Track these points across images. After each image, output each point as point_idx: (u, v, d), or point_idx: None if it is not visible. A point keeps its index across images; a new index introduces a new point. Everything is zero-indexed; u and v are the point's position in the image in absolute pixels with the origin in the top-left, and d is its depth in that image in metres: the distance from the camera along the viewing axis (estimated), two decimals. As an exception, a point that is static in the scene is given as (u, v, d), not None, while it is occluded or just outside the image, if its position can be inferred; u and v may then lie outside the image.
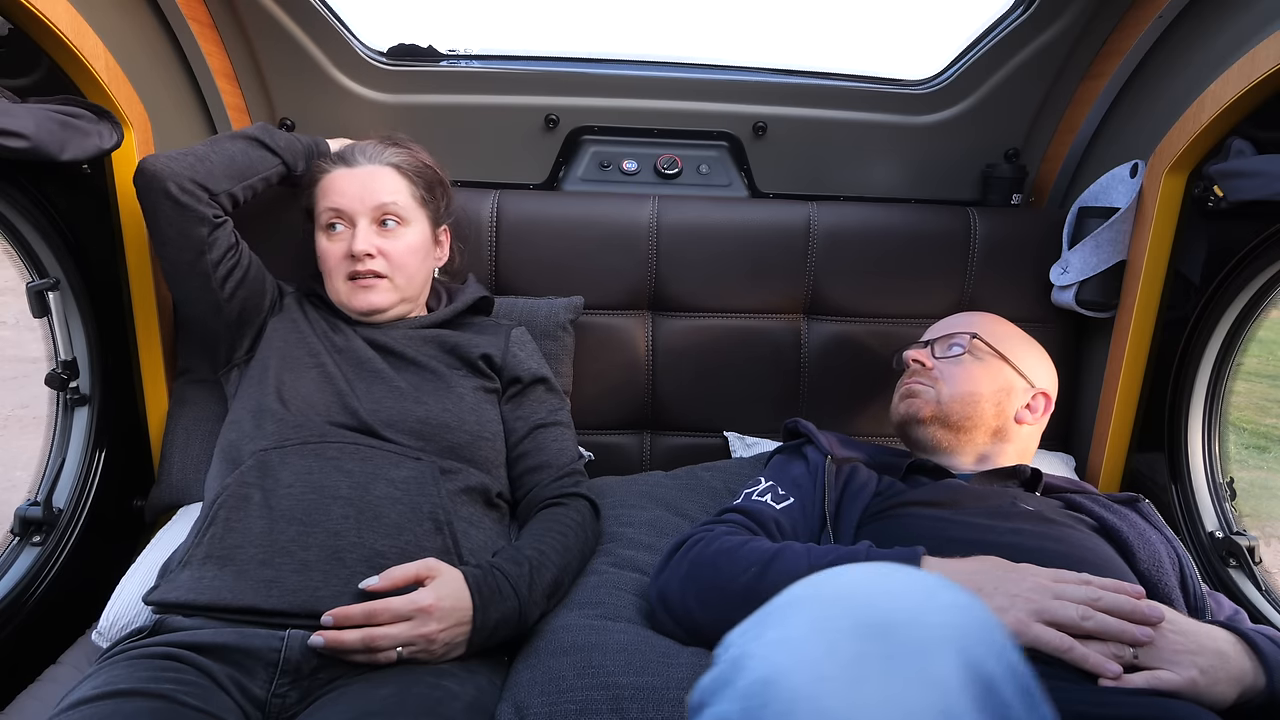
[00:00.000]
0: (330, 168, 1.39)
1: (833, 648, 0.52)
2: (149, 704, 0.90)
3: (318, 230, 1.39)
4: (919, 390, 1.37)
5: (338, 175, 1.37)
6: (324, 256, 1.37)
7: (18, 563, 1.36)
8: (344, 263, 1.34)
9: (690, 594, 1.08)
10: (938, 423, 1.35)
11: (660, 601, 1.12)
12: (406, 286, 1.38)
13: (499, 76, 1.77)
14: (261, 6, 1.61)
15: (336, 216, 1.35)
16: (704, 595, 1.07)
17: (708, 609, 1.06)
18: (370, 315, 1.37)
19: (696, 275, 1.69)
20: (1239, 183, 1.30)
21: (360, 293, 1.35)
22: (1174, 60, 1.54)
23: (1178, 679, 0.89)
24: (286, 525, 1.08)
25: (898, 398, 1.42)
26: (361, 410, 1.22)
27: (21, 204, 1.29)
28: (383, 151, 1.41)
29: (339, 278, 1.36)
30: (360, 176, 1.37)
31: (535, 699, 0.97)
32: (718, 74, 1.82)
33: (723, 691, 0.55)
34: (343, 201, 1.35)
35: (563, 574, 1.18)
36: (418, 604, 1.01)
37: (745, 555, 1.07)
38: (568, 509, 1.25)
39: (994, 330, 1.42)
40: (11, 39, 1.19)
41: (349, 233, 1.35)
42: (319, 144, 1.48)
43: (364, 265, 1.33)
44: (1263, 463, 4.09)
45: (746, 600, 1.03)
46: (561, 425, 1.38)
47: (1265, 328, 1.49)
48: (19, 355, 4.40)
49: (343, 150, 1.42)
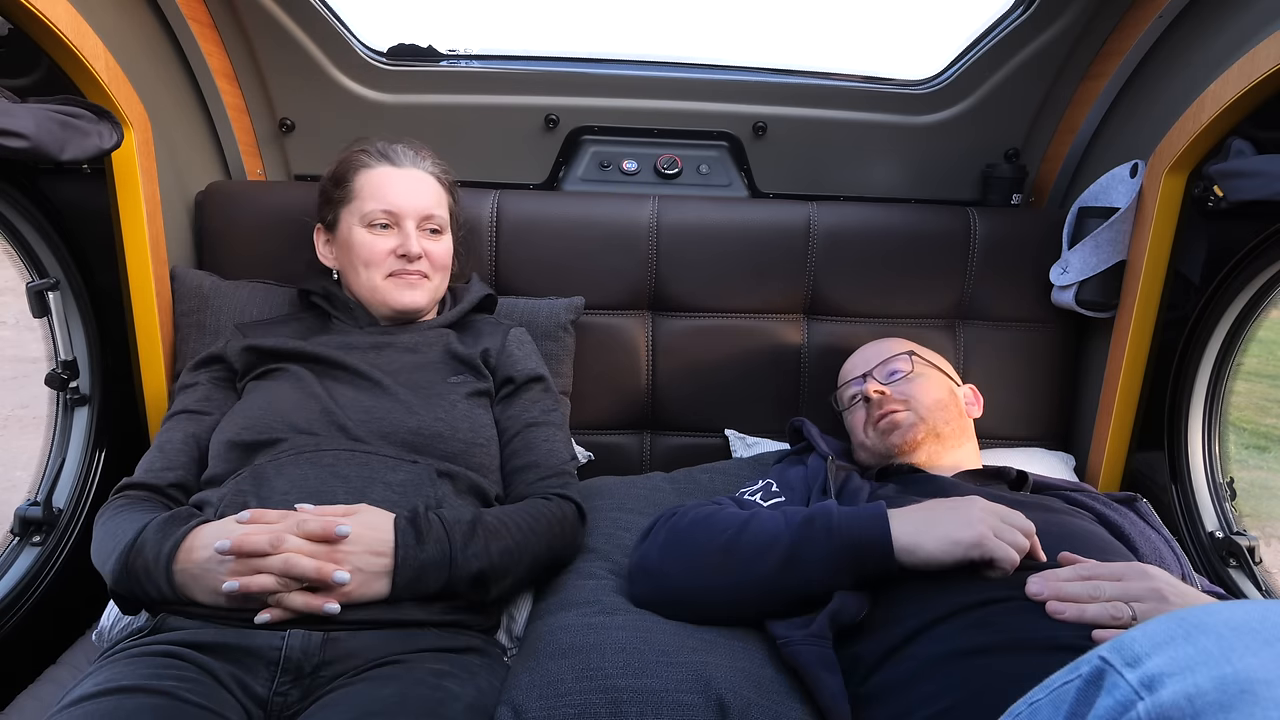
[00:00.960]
0: (373, 163, 1.40)
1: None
2: (151, 700, 0.90)
3: (356, 223, 1.38)
4: (901, 419, 1.36)
5: (385, 173, 1.39)
6: (364, 249, 1.37)
7: (18, 563, 1.36)
8: (390, 259, 1.36)
9: (668, 559, 1.12)
10: (931, 438, 1.35)
11: (639, 568, 1.15)
12: (438, 290, 1.43)
13: (499, 76, 1.77)
14: (261, 6, 1.61)
15: (386, 215, 1.37)
16: (682, 559, 1.11)
17: (686, 572, 1.10)
18: (407, 313, 1.39)
19: (696, 275, 1.69)
20: (1239, 183, 1.30)
21: (405, 290, 1.37)
22: (1174, 60, 1.54)
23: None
24: None
25: (876, 433, 1.39)
26: (351, 425, 1.22)
27: (21, 204, 1.30)
28: (422, 158, 1.44)
29: (379, 273, 1.37)
30: (409, 179, 1.40)
31: (534, 702, 0.97)
32: (718, 74, 1.82)
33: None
34: (394, 202, 1.37)
35: (520, 550, 1.14)
36: (332, 525, 1.03)
37: (721, 519, 1.12)
38: (549, 503, 1.24)
39: (916, 345, 1.50)
40: (11, 39, 1.19)
41: (395, 231, 1.37)
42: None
43: (414, 265, 1.36)
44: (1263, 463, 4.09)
45: (724, 559, 1.08)
46: (553, 426, 1.36)
47: (1265, 328, 1.49)
48: (19, 355, 4.40)
49: (379, 145, 1.42)
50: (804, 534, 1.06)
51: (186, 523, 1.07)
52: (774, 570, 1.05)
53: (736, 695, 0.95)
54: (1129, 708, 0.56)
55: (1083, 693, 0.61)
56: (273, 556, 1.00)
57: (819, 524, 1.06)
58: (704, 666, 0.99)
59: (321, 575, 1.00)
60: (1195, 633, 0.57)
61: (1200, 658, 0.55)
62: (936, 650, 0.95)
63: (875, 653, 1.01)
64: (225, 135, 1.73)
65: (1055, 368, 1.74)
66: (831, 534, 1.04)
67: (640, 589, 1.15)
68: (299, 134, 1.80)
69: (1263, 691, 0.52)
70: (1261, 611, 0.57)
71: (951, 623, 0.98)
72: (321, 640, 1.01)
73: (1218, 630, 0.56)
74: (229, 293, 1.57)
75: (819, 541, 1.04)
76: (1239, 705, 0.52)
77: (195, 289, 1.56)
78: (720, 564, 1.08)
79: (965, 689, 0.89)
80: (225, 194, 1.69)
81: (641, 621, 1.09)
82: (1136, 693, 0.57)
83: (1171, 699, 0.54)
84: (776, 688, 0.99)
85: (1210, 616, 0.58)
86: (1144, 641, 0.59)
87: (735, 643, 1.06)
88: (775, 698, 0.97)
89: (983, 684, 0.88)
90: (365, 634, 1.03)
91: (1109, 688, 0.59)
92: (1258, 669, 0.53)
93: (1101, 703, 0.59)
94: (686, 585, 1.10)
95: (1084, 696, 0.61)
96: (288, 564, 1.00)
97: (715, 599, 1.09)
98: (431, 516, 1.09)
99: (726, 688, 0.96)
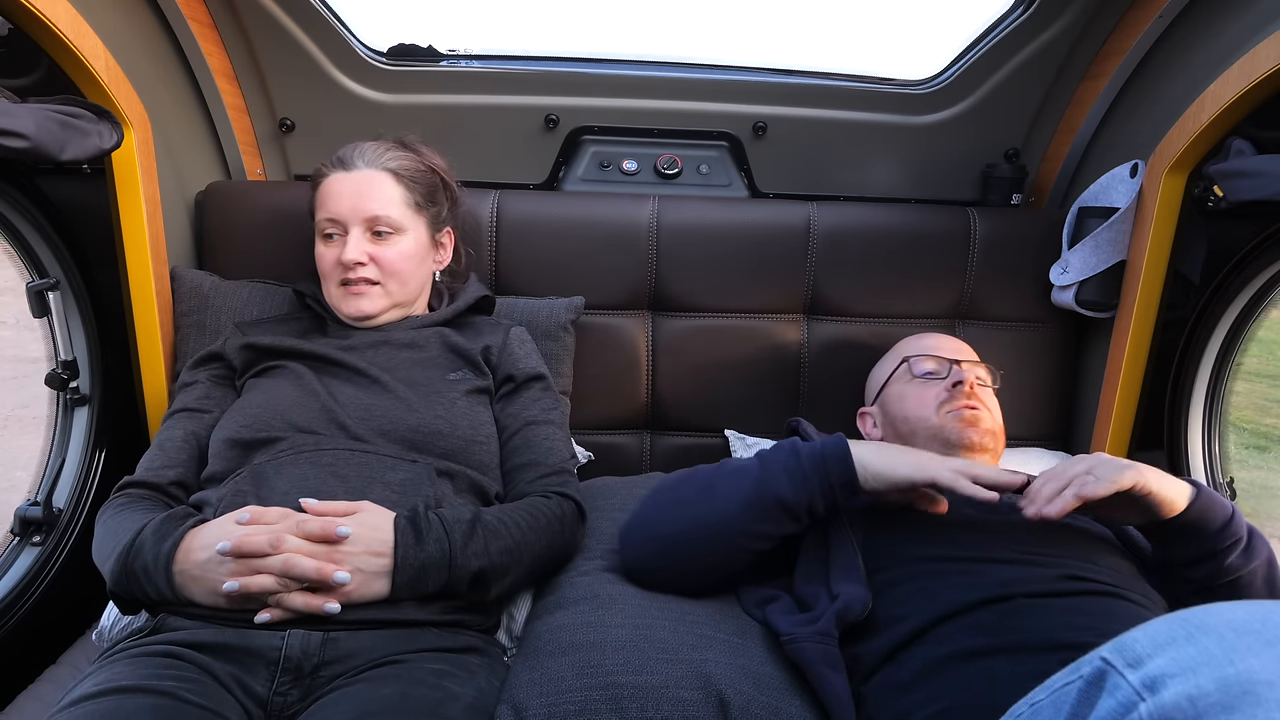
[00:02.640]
0: (329, 170, 1.39)
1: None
2: (151, 700, 0.90)
3: (317, 234, 1.39)
4: (983, 419, 1.34)
5: (334, 180, 1.38)
6: (319, 261, 1.39)
7: (18, 563, 1.36)
8: (337, 269, 1.36)
9: (653, 510, 1.19)
10: (990, 455, 1.35)
11: (628, 528, 1.20)
12: (399, 292, 1.39)
13: (499, 76, 1.77)
14: (261, 6, 1.61)
15: (331, 225, 1.36)
16: (666, 505, 1.18)
17: (672, 519, 1.16)
18: (361, 321, 1.38)
19: (696, 275, 1.69)
20: (1239, 183, 1.30)
21: (351, 299, 1.36)
22: (1174, 60, 1.54)
23: (1124, 479, 0.98)
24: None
25: (953, 418, 1.34)
26: (350, 423, 1.22)
27: (21, 204, 1.30)
28: (382, 155, 1.39)
29: (333, 283, 1.38)
30: (355, 182, 1.36)
31: (534, 700, 0.97)
32: (718, 74, 1.82)
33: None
34: (336, 210, 1.36)
35: (520, 549, 1.14)
36: (332, 526, 1.04)
37: (699, 470, 1.21)
38: (549, 501, 1.24)
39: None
40: (11, 39, 1.19)
41: (342, 240, 1.36)
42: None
43: (354, 273, 1.35)
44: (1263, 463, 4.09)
45: (704, 495, 1.13)
46: (553, 425, 1.36)
47: (1265, 328, 1.49)
48: (19, 355, 4.40)
49: (343, 151, 1.41)
50: (772, 456, 1.15)
51: (183, 523, 1.07)
52: (749, 493, 1.11)
53: (737, 691, 0.96)
54: (1131, 709, 0.56)
55: (1084, 693, 0.61)
56: (272, 557, 1.00)
57: (785, 448, 1.15)
58: (704, 663, 0.99)
59: (322, 575, 1.00)
60: (1197, 634, 0.57)
61: (1202, 659, 0.55)
62: (936, 652, 0.96)
63: (875, 654, 1.01)
64: (225, 135, 1.73)
65: (1055, 368, 1.74)
66: (798, 452, 1.12)
67: (631, 551, 1.19)
68: (299, 134, 1.80)
69: (1265, 693, 0.52)
70: (1264, 612, 0.57)
71: (951, 624, 0.98)
72: (321, 640, 1.01)
73: (1220, 631, 0.56)
74: (229, 293, 1.57)
75: (785, 459, 1.12)
76: (1241, 706, 0.52)
77: (195, 289, 1.56)
78: (701, 499, 1.14)
79: (965, 691, 0.89)
80: (225, 194, 1.69)
81: (642, 619, 1.09)
82: (1138, 694, 0.57)
83: (1173, 700, 0.54)
84: (776, 684, 0.99)
85: (1212, 618, 0.58)
86: (1146, 642, 0.58)
87: (735, 639, 1.06)
88: (775, 694, 0.98)
89: (983, 685, 0.88)
90: (365, 634, 1.03)
91: (1110, 688, 0.59)
92: (1260, 670, 0.53)
93: (1103, 704, 0.59)
94: (672, 530, 1.15)
95: (1085, 697, 0.61)
96: (287, 564, 1.00)
97: (699, 534, 1.13)
98: (431, 516, 1.09)
99: (727, 684, 0.96)
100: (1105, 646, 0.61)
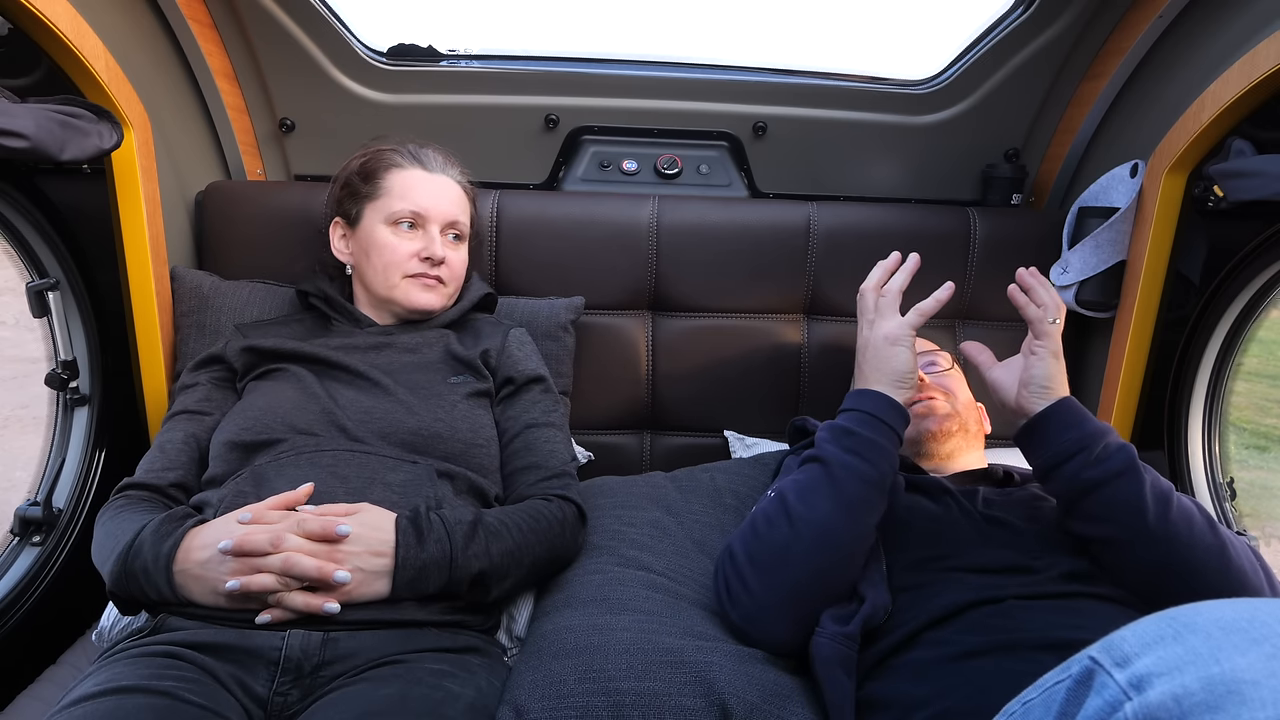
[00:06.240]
0: (405, 164, 1.42)
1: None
2: (151, 700, 0.90)
3: (381, 221, 1.39)
4: (938, 407, 1.35)
5: (416, 176, 1.41)
6: (387, 249, 1.38)
7: (18, 563, 1.36)
8: (413, 260, 1.38)
9: (762, 574, 1.08)
10: (961, 432, 1.35)
11: (746, 612, 1.09)
12: (451, 297, 1.45)
13: (499, 76, 1.77)
14: (261, 6, 1.61)
15: (413, 217, 1.39)
16: (771, 569, 1.08)
17: (789, 569, 1.07)
18: (419, 314, 1.41)
19: (696, 275, 1.69)
20: (1239, 183, 1.30)
21: (424, 292, 1.39)
22: (1174, 60, 1.54)
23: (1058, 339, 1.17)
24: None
25: (911, 420, 1.32)
26: (351, 426, 1.22)
27: (21, 204, 1.30)
28: (451, 165, 1.47)
29: (398, 274, 1.38)
30: (439, 184, 1.43)
31: (535, 702, 0.97)
32: (718, 74, 1.82)
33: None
34: (421, 204, 1.39)
35: (521, 551, 1.14)
36: (332, 525, 1.03)
37: (760, 517, 1.12)
38: (550, 504, 1.24)
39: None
40: (11, 39, 1.19)
41: (420, 234, 1.39)
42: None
43: (434, 270, 1.39)
44: (1263, 463, 4.08)
45: (803, 528, 1.06)
46: (554, 427, 1.36)
47: (1265, 328, 1.49)
48: (19, 355, 4.40)
49: (413, 149, 1.44)
50: (830, 452, 1.11)
51: (183, 523, 1.07)
52: (848, 496, 1.07)
53: (739, 699, 0.95)
54: (1117, 708, 0.56)
55: (1073, 692, 0.61)
56: (273, 556, 1.00)
57: (832, 439, 1.12)
58: (707, 669, 0.98)
59: (322, 575, 1.00)
60: (1185, 632, 0.57)
61: (1189, 658, 0.55)
62: (932, 655, 0.96)
63: (871, 659, 1.01)
64: (225, 135, 1.73)
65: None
66: (851, 431, 1.12)
67: (763, 621, 1.08)
68: (299, 134, 1.80)
69: (1249, 692, 0.52)
70: (1251, 610, 0.57)
71: (946, 627, 0.98)
72: (321, 640, 1.01)
73: (1207, 630, 0.56)
74: (229, 293, 1.57)
75: (845, 445, 1.11)
76: (1226, 705, 0.52)
77: (195, 289, 1.56)
78: (801, 533, 1.06)
79: (962, 691, 0.89)
80: (225, 194, 1.69)
81: (646, 622, 1.09)
82: (1125, 693, 0.57)
83: (1159, 699, 0.55)
84: (780, 691, 0.99)
85: (1200, 616, 0.58)
86: (1134, 641, 0.59)
87: (739, 645, 1.06)
88: (778, 702, 0.97)
89: (979, 686, 0.89)
90: (365, 634, 1.03)
91: (1098, 688, 0.59)
92: (1245, 669, 0.53)
93: (1090, 703, 0.59)
94: (795, 576, 1.05)
95: (1074, 696, 0.61)
96: (288, 563, 1.00)
97: (821, 565, 1.06)
98: (433, 517, 1.09)
99: (730, 691, 0.96)
100: (1094, 645, 0.61)
